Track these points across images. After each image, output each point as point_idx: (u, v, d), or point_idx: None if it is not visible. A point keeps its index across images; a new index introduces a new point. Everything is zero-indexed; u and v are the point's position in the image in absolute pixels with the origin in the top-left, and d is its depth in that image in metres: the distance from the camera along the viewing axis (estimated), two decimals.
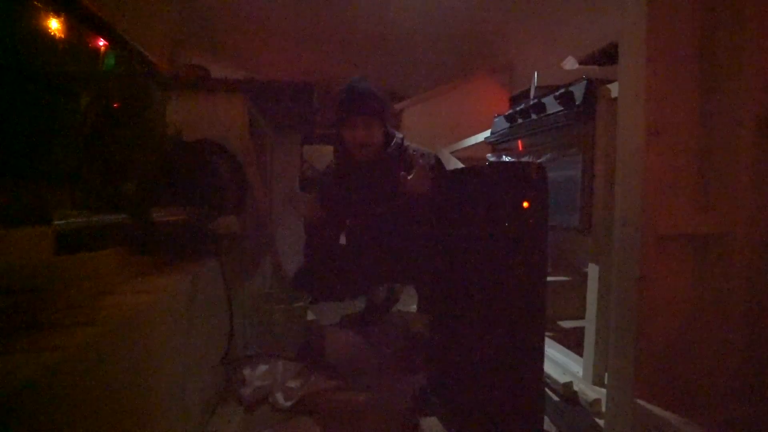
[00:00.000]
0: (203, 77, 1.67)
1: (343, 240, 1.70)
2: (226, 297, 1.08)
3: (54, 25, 0.71)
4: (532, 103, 1.51)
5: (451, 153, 2.44)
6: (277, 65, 2.96)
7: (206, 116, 1.54)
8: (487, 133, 1.91)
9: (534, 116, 1.50)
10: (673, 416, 0.77)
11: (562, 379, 1.21)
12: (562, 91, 1.30)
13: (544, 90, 1.52)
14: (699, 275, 0.88)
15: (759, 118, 0.84)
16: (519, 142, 1.64)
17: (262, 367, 1.27)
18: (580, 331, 1.26)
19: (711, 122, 0.87)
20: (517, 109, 1.61)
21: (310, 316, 1.68)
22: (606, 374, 1.05)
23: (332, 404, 1.13)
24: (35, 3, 0.66)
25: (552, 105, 1.38)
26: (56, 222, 0.67)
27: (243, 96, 1.60)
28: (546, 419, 1.03)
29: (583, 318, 1.24)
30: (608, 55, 1.78)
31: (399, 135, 1.58)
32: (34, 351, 0.46)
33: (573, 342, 1.40)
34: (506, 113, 1.73)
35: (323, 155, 2.85)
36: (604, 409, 1.05)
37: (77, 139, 0.79)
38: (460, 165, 2.23)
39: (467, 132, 2.23)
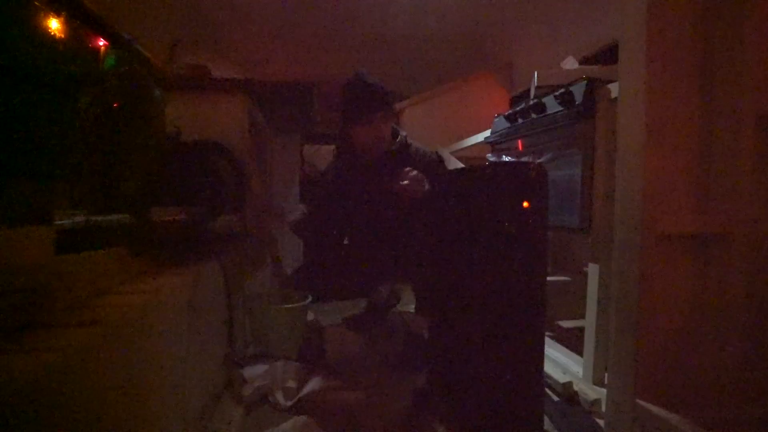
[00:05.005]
0: (203, 77, 1.67)
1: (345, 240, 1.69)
2: (226, 297, 1.08)
3: (54, 25, 0.71)
4: (532, 103, 1.51)
5: (451, 153, 2.43)
6: (277, 65, 2.96)
7: (206, 116, 1.54)
8: (487, 133, 1.91)
9: (534, 116, 1.50)
10: (673, 416, 0.77)
11: (562, 379, 1.21)
12: (562, 91, 1.30)
13: (544, 90, 1.52)
14: (699, 275, 0.88)
15: (759, 117, 0.84)
16: (519, 142, 1.64)
17: (262, 367, 1.27)
18: (580, 331, 1.26)
19: (711, 122, 0.87)
20: (517, 109, 1.61)
21: (310, 316, 1.68)
22: (606, 374, 1.05)
23: (332, 404, 1.13)
24: (35, 3, 0.66)
25: (552, 105, 1.38)
26: (56, 222, 0.67)
27: (243, 96, 1.60)
28: (546, 419, 1.03)
29: (583, 318, 1.24)
30: (608, 55, 1.78)
31: (403, 133, 1.57)
32: (34, 351, 0.45)
33: (573, 342, 1.40)
34: (506, 113, 1.73)
35: (323, 155, 2.85)
36: (604, 409, 1.05)
37: (77, 139, 0.79)
38: (460, 165, 2.23)
39: (467, 132, 2.23)
